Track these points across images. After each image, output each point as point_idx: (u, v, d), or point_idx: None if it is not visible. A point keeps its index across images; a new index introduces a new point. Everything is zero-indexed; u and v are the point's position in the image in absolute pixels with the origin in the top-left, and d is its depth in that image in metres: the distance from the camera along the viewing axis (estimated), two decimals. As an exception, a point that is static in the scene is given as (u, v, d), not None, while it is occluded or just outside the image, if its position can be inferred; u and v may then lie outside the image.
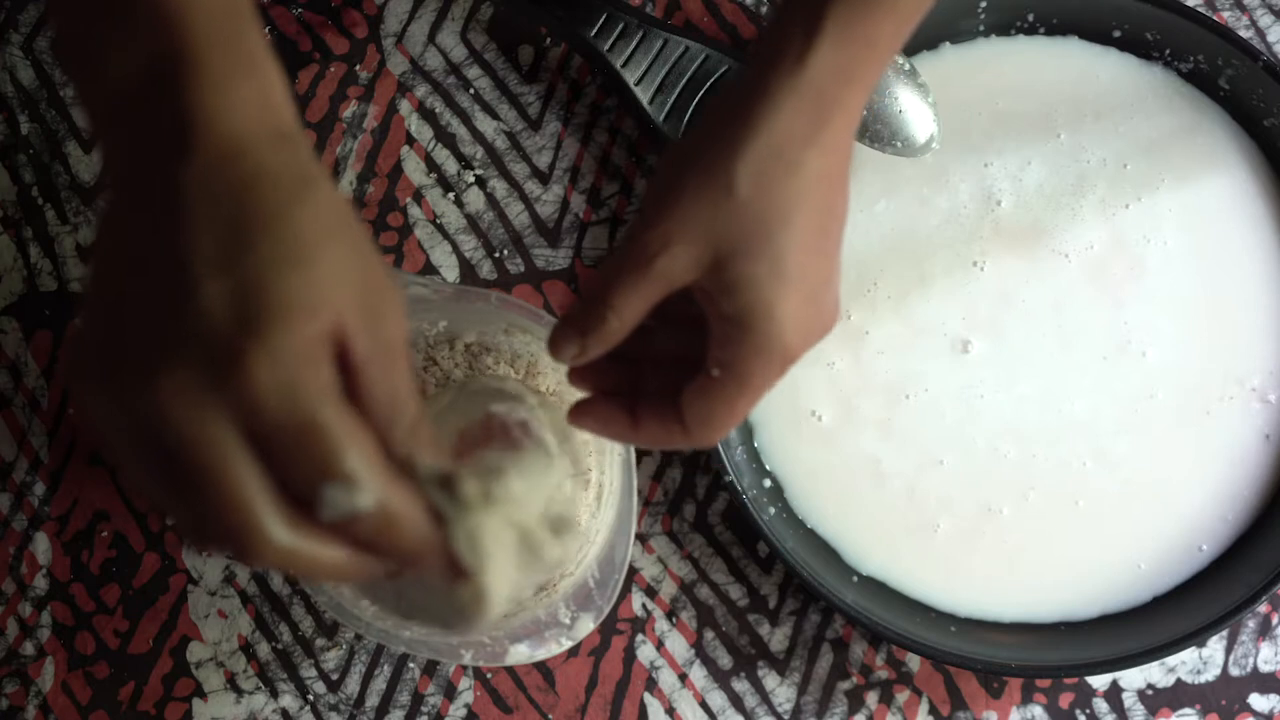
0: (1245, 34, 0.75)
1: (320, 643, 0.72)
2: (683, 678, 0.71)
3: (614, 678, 0.71)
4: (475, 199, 0.75)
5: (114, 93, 0.43)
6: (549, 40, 0.76)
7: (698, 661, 0.71)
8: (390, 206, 0.75)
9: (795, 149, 0.48)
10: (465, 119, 0.76)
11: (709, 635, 0.72)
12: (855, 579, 0.70)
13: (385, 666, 0.72)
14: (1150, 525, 0.70)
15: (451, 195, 0.75)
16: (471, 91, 0.76)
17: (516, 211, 0.75)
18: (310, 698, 0.72)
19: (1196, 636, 0.67)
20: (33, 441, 0.74)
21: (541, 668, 0.71)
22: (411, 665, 0.72)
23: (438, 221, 0.75)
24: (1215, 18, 0.73)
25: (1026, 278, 0.72)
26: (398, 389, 0.44)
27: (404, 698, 0.72)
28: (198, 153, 0.42)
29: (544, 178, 0.75)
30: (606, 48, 0.71)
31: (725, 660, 0.71)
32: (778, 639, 0.71)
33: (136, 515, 0.74)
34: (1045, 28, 0.73)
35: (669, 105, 0.71)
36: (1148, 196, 0.72)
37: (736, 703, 0.71)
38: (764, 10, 0.76)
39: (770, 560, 0.72)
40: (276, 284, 0.41)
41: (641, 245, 0.50)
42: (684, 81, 0.71)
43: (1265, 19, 0.75)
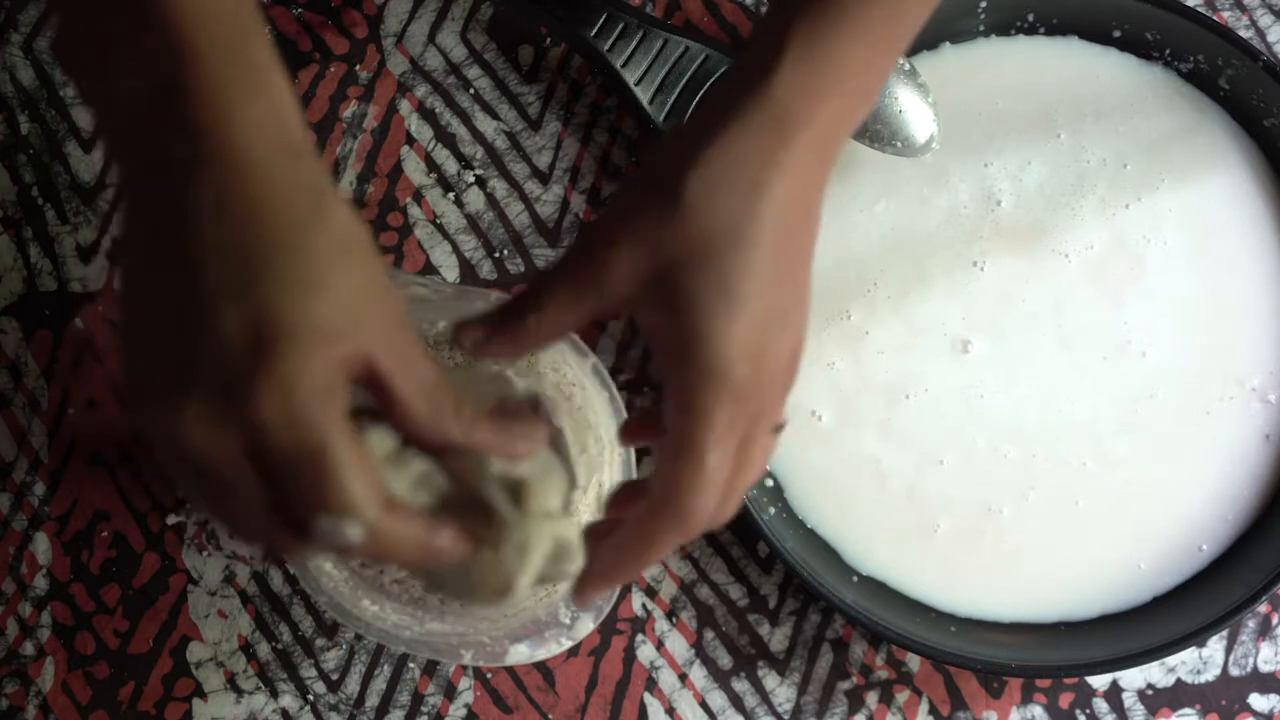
0: (1245, 34, 0.75)
1: (320, 643, 0.72)
2: (683, 678, 0.71)
3: (614, 678, 0.71)
4: (475, 199, 0.75)
5: (121, 99, 0.43)
6: (549, 40, 0.76)
7: (698, 661, 0.71)
8: (390, 206, 0.75)
9: (753, 166, 0.46)
10: (465, 119, 0.76)
11: (709, 635, 0.72)
12: (855, 579, 0.70)
13: (385, 666, 0.72)
14: (1150, 525, 0.70)
15: (451, 195, 0.75)
16: (471, 91, 0.76)
17: (516, 211, 0.75)
18: (310, 698, 0.72)
19: (1196, 636, 0.67)
20: (33, 441, 0.74)
21: (541, 668, 0.71)
22: (411, 665, 0.72)
23: (438, 221, 0.75)
24: (1215, 18, 0.73)
25: (1026, 278, 0.72)
26: (433, 391, 0.45)
27: (404, 698, 0.72)
28: (209, 175, 0.42)
29: (544, 178, 0.75)
30: (606, 48, 0.71)
31: (725, 660, 0.71)
32: (778, 639, 0.71)
33: (136, 515, 0.74)
34: (1045, 28, 0.73)
35: (669, 105, 0.71)
36: (1148, 196, 0.72)
37: (736, 703, 0.71)
38: (764, 10, 0.76)
39: (770, 560, 0.72)
40: (288, 311, 0.41)
41: (581, 246, 0.48)
42: (684, 81, 0.71)
43: (1265, 19, 0.75)
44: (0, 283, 0.76)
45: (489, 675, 0.72)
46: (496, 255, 0.75)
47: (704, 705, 0.71)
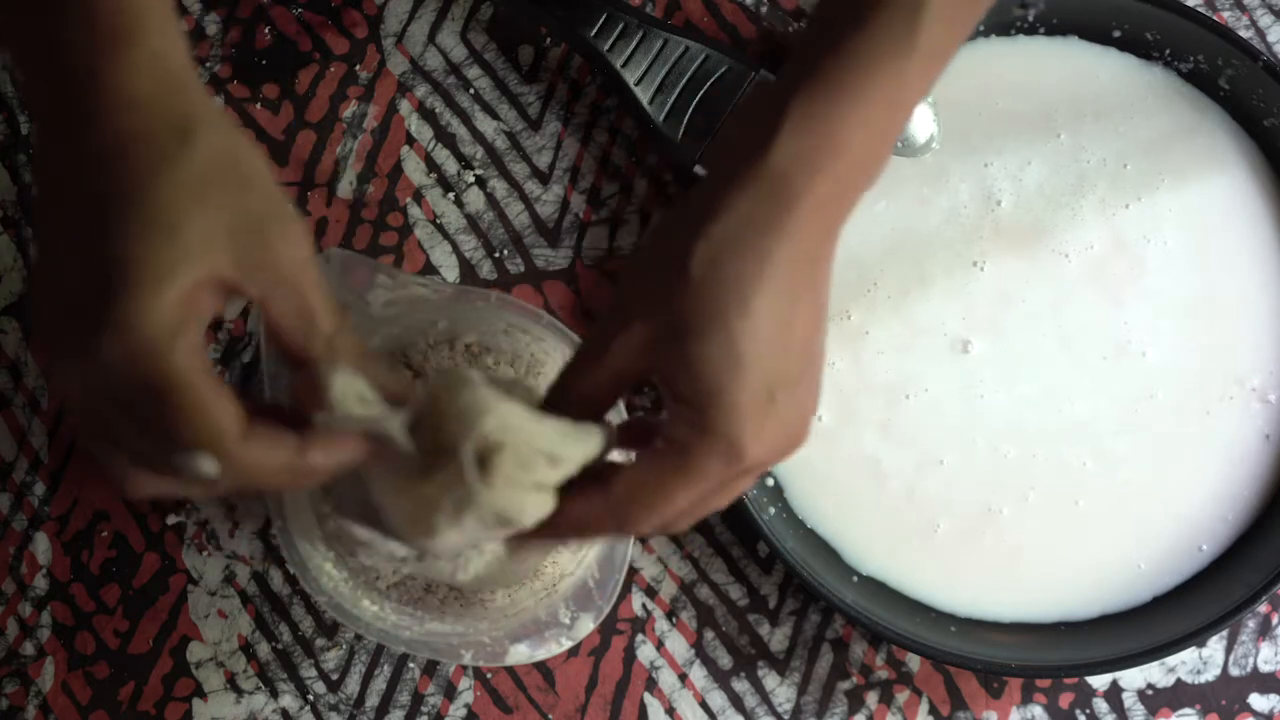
0: (1245, 34, 0.75)
1: (320, 643, 0.72)
2: (683, 678, 0.71)
3: (614, 678, 0.71)
4: (475, 199, 0.75)
5: (26, 55, 0.45)
6: (549, 40, 0.76)
7: (698, 661, 0.71)
8: (390, 206, 0.75)
9: (755, 234, 0.46)
10: (465, 119, 0.76)
11: (709, 635, 0.72)
12: (855, 579, 0.70)
13: (385, 666, 0.72)
14: (1150, 525, 0.70)
15: (451, 195, 0.75)
16: (471, 91, 0.76)
17: (516, 211, 0.75)
18: (310, 698, 0.72)
19: (1196, 636, 0.67)
20: (33, 441, 0.74)
21: (541, 668, 0.71)
22: (411, 665, 0.72)
23: (438, 221, 0.75)
24: (1215, 18, 0.73)
25: (1026, 278, 0.72)
26: (305, 309, 0.46)
27: (404, 698, 0.72)
28: (74, 124, 0.44)
29: (544, 178, 0.75)
30: (606, 48, 0.71)
31: (725, 660, 0.71)
32: (778, 639, 0.71)
33: (136, 515, 0.74)
34: (1045, 28, 0.73)
35: (669, 105, 0.71)
36: (1148, 196, 0.72)
37: (736, 703, 0.71)
38: (764, 10, 0.76)
39: (770, 560, 0.72)
40: (128, 254, 0.43)
41: (600, 329, 0.49)
42: (684, 81, 0.71)
43: (1265, 19, 0.75)
44: (0, 283, 0.76)
45: (489, 675, 0.72)
46: (496, 255, 0.75)
47: (704, 705, 0.71)
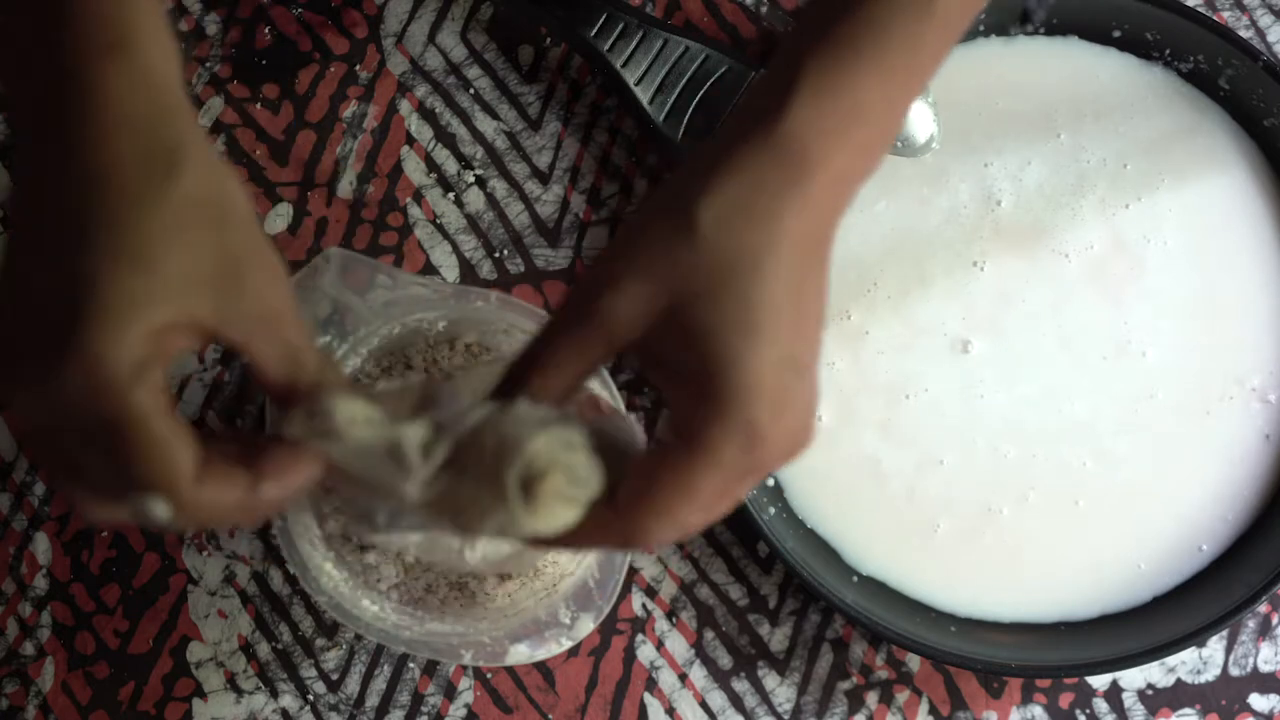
0: (1245, 34, 0.75)
1: (320, 643, 0.72)
2: (683, 678, 0.71)
3: (614, 678, 0.71)
4: (475, 199, 0.75)
5: (9, 61, 0.44)
6: (549, 40, 0.76)
7: (698, 661, 0.71)
8: (390, 206, 0.75)
9: (768, 198, 0.43)
10: (465, 119, 0.76)
11: (709, 635, 0.72)
12: (855, 579, 0.70)
13: (385, 666, 0.72)
14: (1150, 525, 0.70)
15: (451, 195, 0.75)
16: (471, 91, 0.76)
17: (516, 211, 0.75)
18: (310, 698, 0.72)
19: (1196, 636, 0.67)
20: (33, 441, 0.74)
21: (541, 668, 0.71)
22: (411, 665, 0.72)
23: (438, 221, 0.75)
24: (1215, 18, 0.73)
25: (1026, 278, 0.72)
26: (288, 350, 0.45)
27: (404, 698, 0.72)
28: (57, 142, 0.42)
29: (544, 178, 0.75)
30: (606, 48, 0.71)
31: (725, 660, 0.71)
32: (778, 639, 0.71)
33: (136, 515, 0.74)
34: (1045, 28, 0.73)
35: (669, 105, 0.71)
36: (1148, 196, 0.72)
37: (736, 703, 0.71)
38: (764, 10, 0.76)
39: (770, 560, 0.72)
40: (101, 285, 0.41)
41: (582, 290, 0.45)
42: (684, 81, 0.71)
43: (1265, 19, 0.75)
44: (0, 283, 0.76)
45: (489, 675, 0.72)
46: (496, 255, 0.75)
47: (704, 705, 0.71)
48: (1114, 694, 0.70)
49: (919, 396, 0.71)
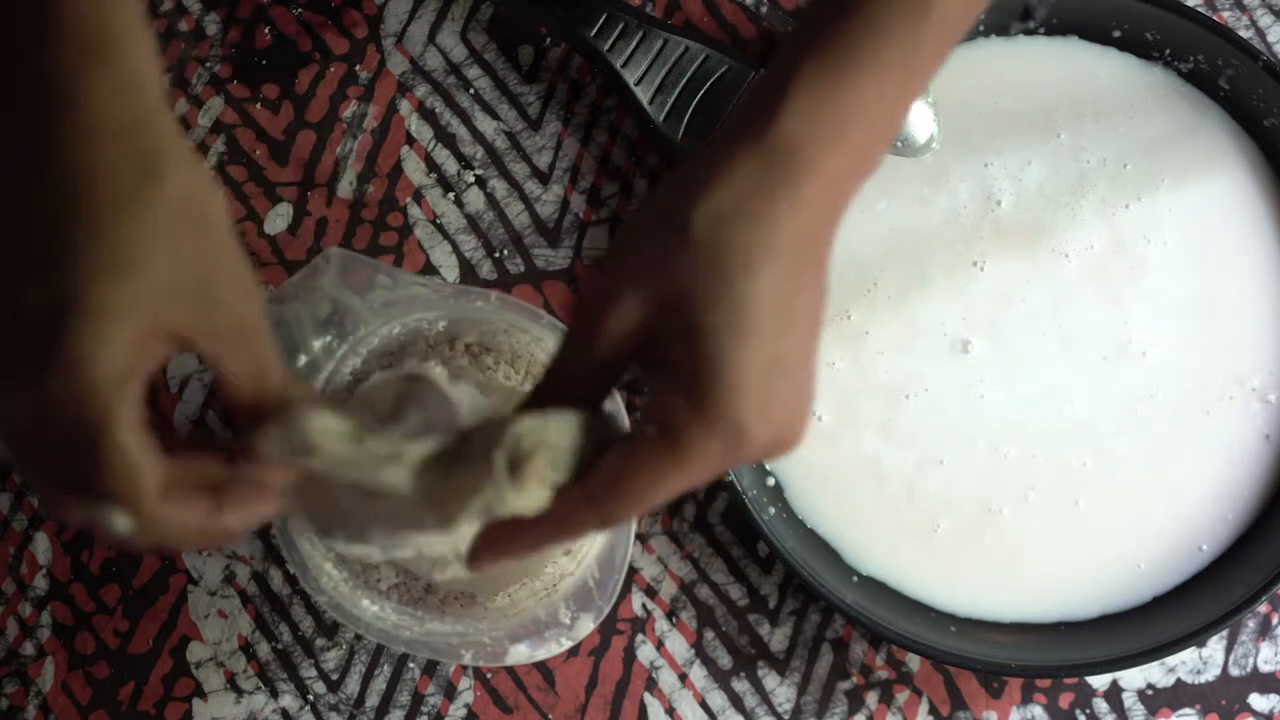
0: (1245, 34, 0.75)
1: (320, 643, 0.72)
2: (683, 678, 0.71)
3: (614, 678, 0.71)
4: (475, 199, 0.75)
5: None
6: (549, 40, 0.76)
7: (698, 661, 0.71)
8: (390, 206, 0.75)
9: (762, 200, 0.43)
10: (465, 119, 0.76)
11: (709, 635, 0.72)
12: (855, 579, 0.70)
13: (385, 666, 0.72)
14: (1150, 525, 0.70)
15: (451, 195, 0.75)
16: (471, 91, 0.76)
17: (516, 211, 0.75)
18: (310, 698, 0.72)
19: (1196, 636, 0.67)
20: (33, 441, 0.74)
21: (541, 668, 0.71)
22: (411, 665, 0.72)
23: (438, 221, 0.75)
24: (1215, 18, 0.73)
25: (1026, 278, 0.72)
26: (257, 365, 0.45)
27: (404, 698, 0.72)
28: (37, 147, 0.42)
29: (544, 178, 0.75)
30: (606, 48, 0.71)
31: (725, 660, 0.71)
32: (778, 639, 0.71)
33: (136, 515, 0.74)
34: (1045, 28, 0.73)
35: (669, 105, 0.71)
36: (1148, 196, 0.72)
37: (736, 703, 0.71)
38: (764, 10, 0.76)
39: (770, 560, 0.72)
40: (85, 292, 0.41)
41: (591, 300, 0.45)
42: (684, 81, 0.71)
43: (1265, 19, 0.75)
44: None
45: (489, 675, 0.72)
46: (496, 255, 0.75)
47: (704, 705, 0.71)
48: (1114, 694, 0.70)
49: (919, 396, 0.71)
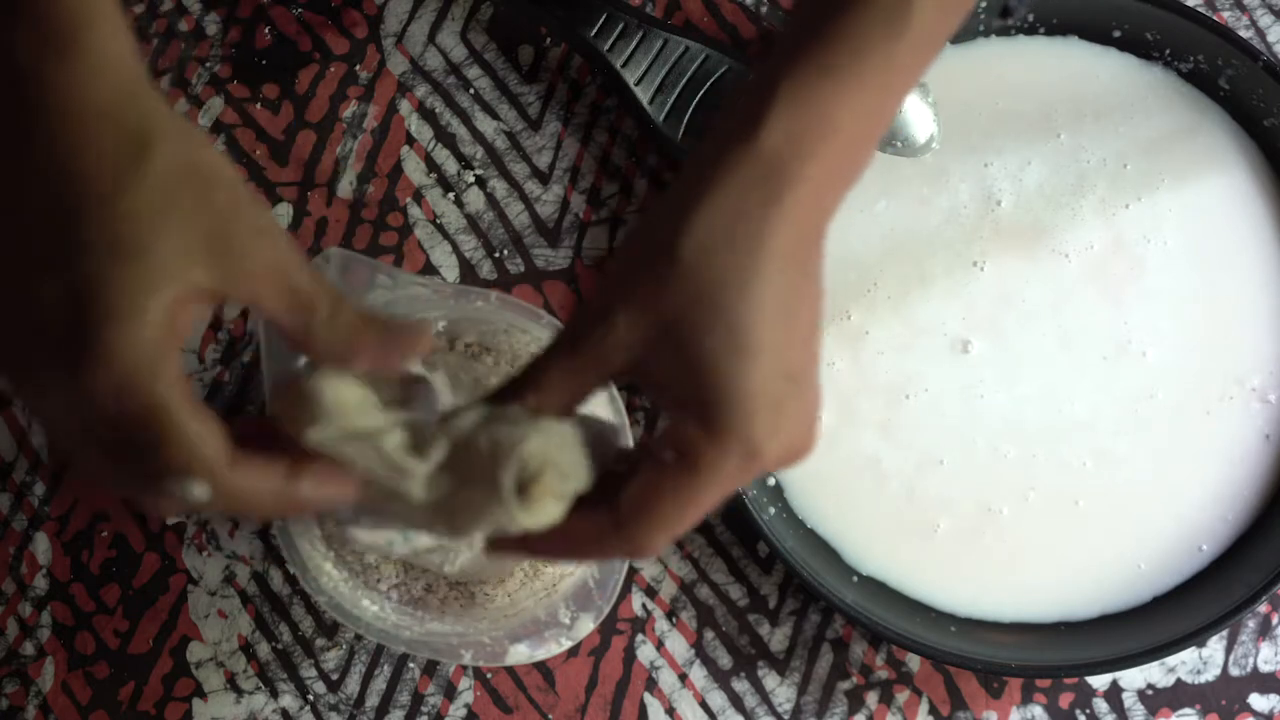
0: (1245, 34, 0.75)
1: (320, 643, 0.72)
2: (683, 678, 0.71)
3: (614, 678, 0.71)
4: (475, 199, 0.75)
5: None
6: (549, 40, 0.76)
7: (698, 661, 0.71)
8: (390, 206, 0.75)
9: (748, 220, 0.44)
10: (465, 119, 0.76)
11: (709, 635, 0.72)
12: (855, 579, 0.70)
13: (385, 666, 0.72)
14: (1150, 525, 0.70)
15: (451, 195, 0.75)
16: (471, 91, 0.76)
17: (516, 211, 0.75)
18: (310, 698, 0.72)
19: (1196, 636, 0.67)
20: (33, 441, 0.74)
21: (541, 668, 0.71)
22: (411, 665, 0.72)
23: (438, 221, 0.75)
24: (1215, 18, 0.73)
25: (1026, 278, 0.72)
26: (296, 297, 0.45)
27: (404, 698, 0.72)
28: (25, 134, 0.42)
29: (544, 178, 0.75)
30: (606, 48, 0.71)
31: (725, 660, 0.71)
32: (778, 639, 0.71)
33: (136, 515, 0.74)
34: (1045, 28, 0.73)
35: (669, 105, 0.71)
36: (1148, 196, 0.72)
37: (736, 703, 0.71)
38: (764, 10, 0.76)
39: (770, 560, 0.72)
40: (104, 282, 0.41)
41: (576, 321, 0.46)
42: (684, 81, 0.71)
43: (1265, 19, 0.75)
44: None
45: (489, 675, 0.72)
46: (496, 255, 0.75)
47: (704, 705, 0.71)
48: (1114, 694, 0.70)
49: (919, 396, 0.71)
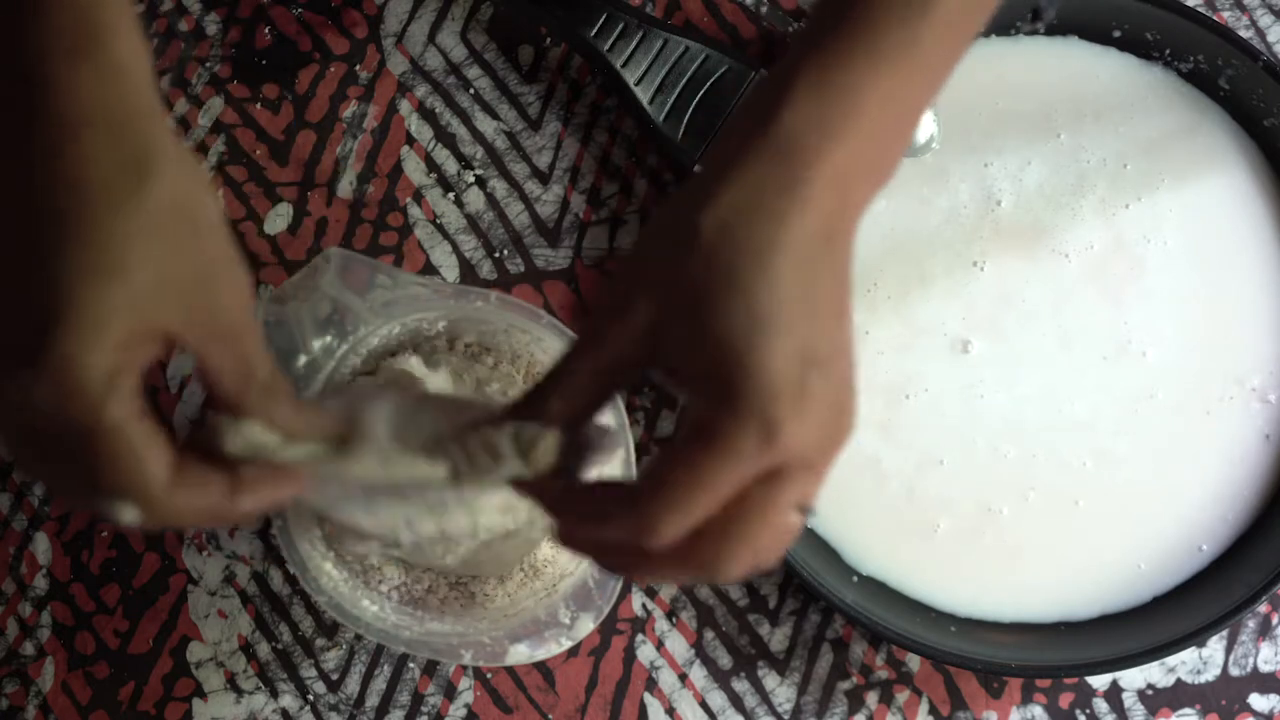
0: (1245, 34, 0.75)
1: (320, 643, 0.72)
2: (683, 678, 0.71)
3: (614, 678, 0.71)
4: (475, 199, 0.75)
5: None
6: (549, 40, 0.76)
7: (698, 661, 0.71)
8: (390, 206, 0.75)
9: (769, 199, 0.43)
10: (465, 119, 0.76)
11: (709, 635, 0.72)
12: (855, 579, 0.70)
13: (385, 666, 0.72)
14: (1150, 525, 0.70)
15: (451, 195, 0.75)
16: (471, 91, 0.76)
17: (516, 211, 0.75)
18: (310, 698, 0.72)
19: (1196, 636, 0.67)
20: (33, 441, 0.74)
21: (541, 668, 0.71)
22: (411, 665, 0.72)
23: (438, 221, 0.75)
24: (1215, 18, 0.73)
25: (1026, 278, 0.72)
26: (242, 360, 0.45)
27: (404, 698, 0.72)
28: (24, 145, 0.42)
29: (544, 178, 0.75)
30: (606, 48, 0.71)
31: (725, 660, 0.71)
32: (778, 639, 0.71)
33: (136, 515, 0.74)
34: (1045, 28, 0.73)
35: (669, 105, 0.71)
36: (1148, 196, 0.72)
37: (736, 703, 0.71)
38: (764, 10, 0.76)
39: (770, 560, 0.72)
40: (72, 294, 0.41)
41: (597, 315, 0.45)
42: (684, 81, 0.71)
43: (1265, 19, 0.75)
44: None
45: (489, 675, 0.72)
46: (496, 255, 0.75)
47: (704, 705, 0.71)
48: (1114, 694, 0.70)
49: (919, 396, 0.71)
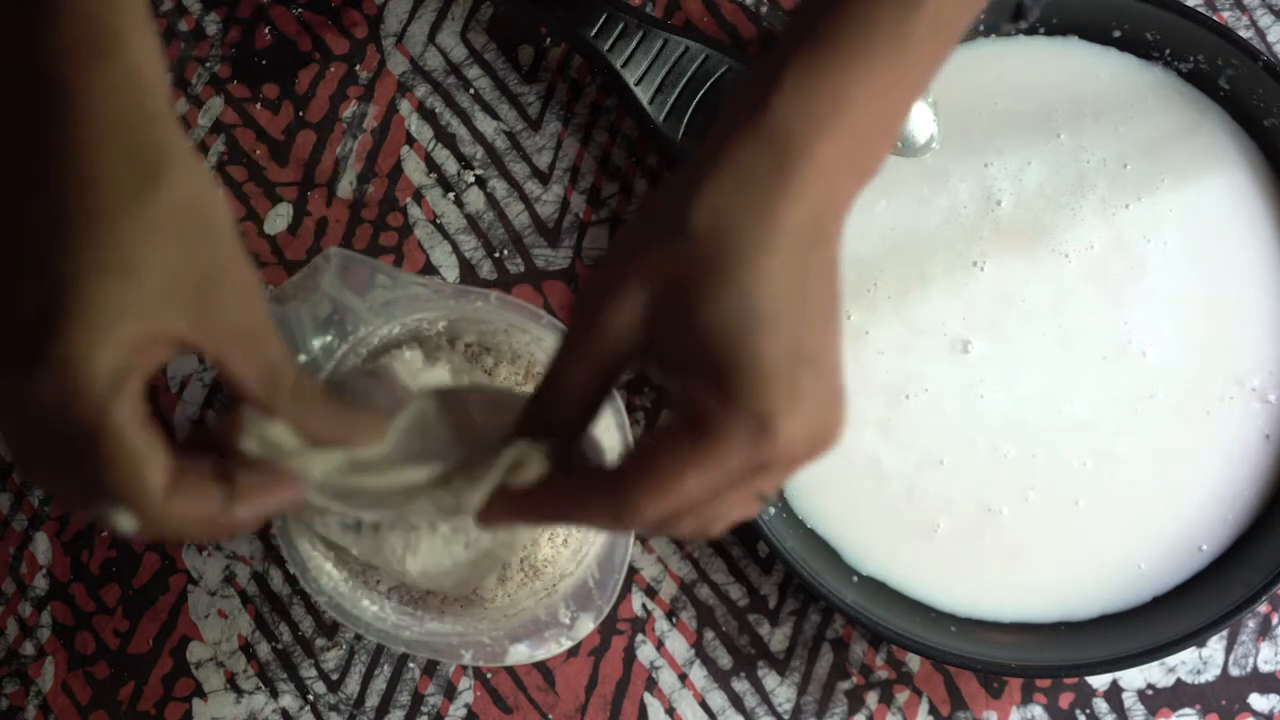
0: (1245, 34, 0.75)
1: (320, 643, 0.72)
2: (683, 678, 0.71)
3: (614, 678, 0.71)
4: (475, 199, 0.75)
5: None
6: (549, 40, 0.76)
7: (698, 661, 0.71)
8: (390, 206, 0.75)
9: (758, 191, 0.43)
10: (465, 119, 0.76)
11: (709, 635, 0.72)
12: (855, 579, 0.70)
13: (385, 666, 0.72)
14: (1150, 525, 0.70)
15: (451, 195, 0.75)
16: (471, 91, 0.76)
17: (516, 211, 0.75)
18: (310, 698, 0.72)
19: (1196, 636, 0.67)
20: (33, 441, 0.74)
21: (541, 668, 0.71)
22: (411, 665, 0.72)
23: (438, 221, 0.75)
24: (1215, 18, 0.73)
25: (1026, 278, 0.72)
26: (265, 363, 0.44)
27: (404, 698, 0.72)
28: (39, 143, 0.42)
29: (544, 178, 0.75)
30: (606, 48, 0.71)
31: (725, 660, 0.71)
32: (778, 639, 0.71)
33: (136, 515, 0.74)
34: (1045, 28, 0.73)
35: (669, 105, 0.71)
36: (1148, 196, 0.72)
37: (736, 703, 0.71)
38: (764, 10, 0.76)
39: (770, 560, 0.72)
40: (81, 292, 0.41)
41: (584, 301, 0.45)
42: (684, 81, 0.71)
43: (1265, 19, 0.75)
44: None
45: (489, 675, 0.72)
46: (496, 255, 0.75)
47: (704, 705, 0.71)
48: (1114, 694, 0.70)
49: (919, 396, 0.71)
